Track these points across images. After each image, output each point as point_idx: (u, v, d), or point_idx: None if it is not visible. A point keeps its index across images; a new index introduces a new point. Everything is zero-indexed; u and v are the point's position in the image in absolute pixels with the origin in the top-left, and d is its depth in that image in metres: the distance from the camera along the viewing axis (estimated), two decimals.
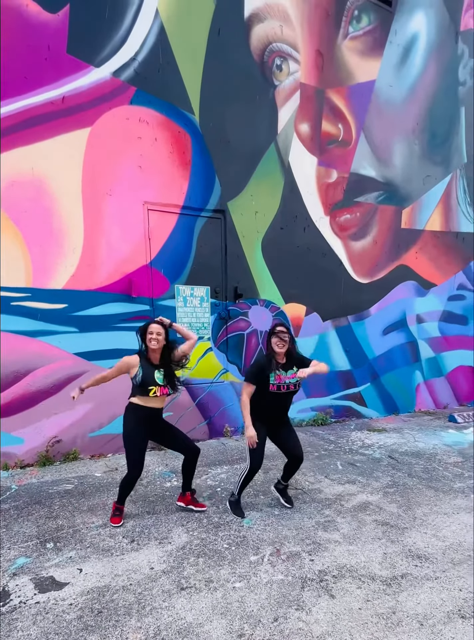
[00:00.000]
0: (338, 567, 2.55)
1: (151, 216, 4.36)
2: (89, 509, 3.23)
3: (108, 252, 4.19)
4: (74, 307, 4.09)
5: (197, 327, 4.84)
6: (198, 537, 2.83)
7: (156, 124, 4.22)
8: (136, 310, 4.38)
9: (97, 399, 4.27)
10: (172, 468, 4.09)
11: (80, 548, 2.69)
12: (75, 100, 3.85)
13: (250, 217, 5.00)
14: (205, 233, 4.75)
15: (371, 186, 5.87)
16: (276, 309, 5.38)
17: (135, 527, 2.97)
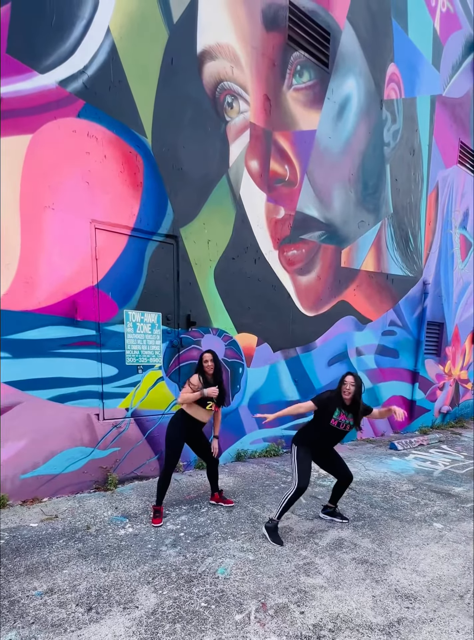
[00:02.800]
0: (332, 617, 2.19)
1: (98, 235, 3.88)
2: (28, 570, 2.52)
3: (49, 270, 3.61)
4: (6, 329, 3.39)
5: (147, 354, 4.32)
6: (169, 596, 2.32)
7: (106, 141, 3.86)
8: (80, 335, 3.79)
9: (33, 435, 3.55)
10: (124, 511, 3.45)
11: (23, 625, 2.02)
12: (15, 103, 3.36)
13: (203, 245, 4.73)
14: (157, 258, 4.35)
15: (314, 225, 5.96)
16: (228, 338, 5.08)
17: (90, 589, 2.34)
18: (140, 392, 4.30)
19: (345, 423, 3.13)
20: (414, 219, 7.66)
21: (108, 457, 4.04)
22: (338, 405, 3.11)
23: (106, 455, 4.03)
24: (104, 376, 4.01)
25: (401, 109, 7.09)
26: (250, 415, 5.25)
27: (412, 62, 7.14)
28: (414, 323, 7.87)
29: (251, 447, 5.37)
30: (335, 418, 3.09)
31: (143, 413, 4.33)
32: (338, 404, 3.11)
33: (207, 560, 2.74)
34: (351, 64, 6.15)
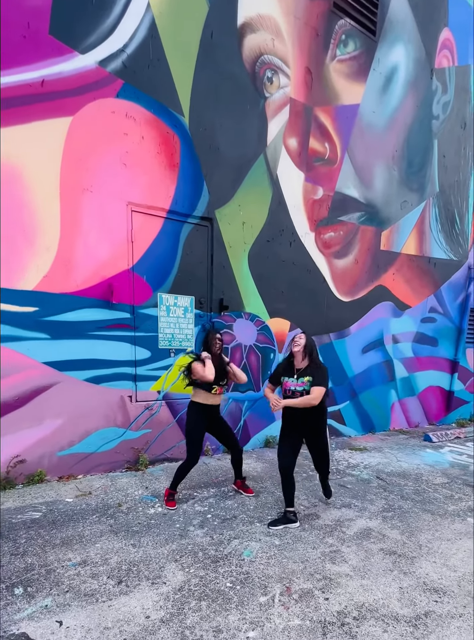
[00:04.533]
0: (357, 606, 2.20)
1: (135, 218, 3.93)
2: (63, 542, 2.67)
3: (86, 253, 3.71)
4: (45, 311, 3.54)
5: (179, 338, 4.40)
6: (196, 574, 2.39)
7: (143, 122, 3.85)
8: (115, 317, 3.89)
9: (69, 414, 3.73)
10: (154, 491, 3.58)
11: (57, 593, 2.15)
12: (57, 85, 3.41)
13: (238, 227, 4.69)
14: (191, 240, 4.37)
15: (353, 206, 5.75)
16: (261, 323, 5.07)
17: (121, 564, 2.46)
18: (172, 376, 4.40)
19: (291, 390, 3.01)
20: (462, 198, 7.21)
21: (140, 439, 4.17)
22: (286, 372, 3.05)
23: (138, 437, 4.16)
24: (137, 359, 4.12)
25: (454, 79, 6.59)
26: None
27: (468, 26, 6.59)
28: (457, 310, 7.49)
29: None
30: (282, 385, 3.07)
31: (174, 396, 4.44)
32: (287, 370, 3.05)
33: (233, 542, 2.80)
34: (401, 30, 5.74)
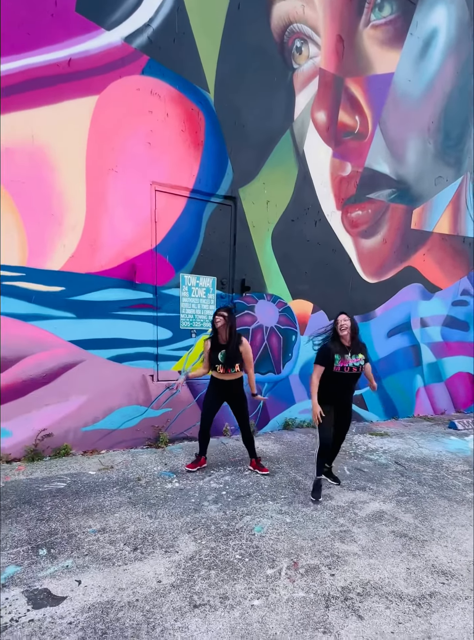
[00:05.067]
0: (362, 583, 2.30)
1: (158, 198, 3.99)
2: (85, 510, 2.89)
3: (111, 233, 3.82)
4: (71, 290, 3.70)
5: (201, 319, 4.50)
6: (207, 546, 2.54)
7: (168, 99, 3.85)
8: (138, 297, 4.02)
9: (93, 391, 3.93)
10: (172, 467, 3.78)
11: (78, 556, 2.36)
12: (83, 64, 3.45)
13: (262, 207, 4.67)
14: (214, 220, 4.40)
15: (384, 182, 5.58)
16: (283, 304, 5.09)
17: (137, 532, 2.64)
18: (193, 356, 4.53)
19: (349, 366, 3.18)
20: None
21: (160, 417, 4.33)
22: (337, 351, 3.17)
23: (159, 415, 4.32)
24: (159, 339, 4.26)
25: None
26: (300, 385, 5.37)
27: None
28: None
29: (300, 417, 5.47)
30: (337, 364, 3.15)
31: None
32: (337, 349, 3.17)
33: (245, 518, 2.93)
34: None
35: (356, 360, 3.23)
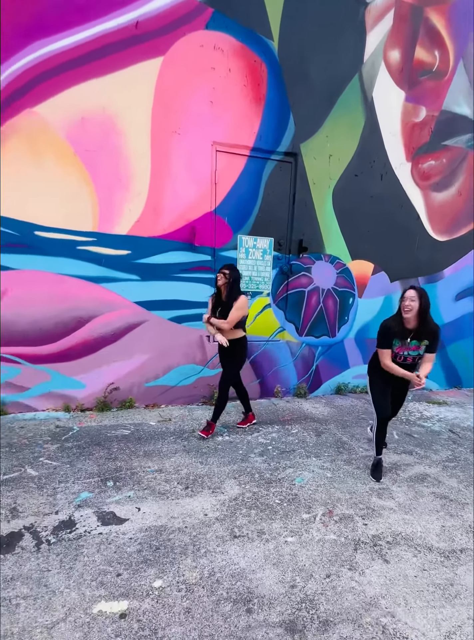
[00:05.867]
0: (393, 534, 2.72)
1: (219, 158, 4.31)
2: (145, 454, 3.59)
3: (173, 197, 4.24)
4: (137, 254, 4.24)
5: (257, 281, 4.92)
6: (250, 490, 3.11)
7: (231, 53, 4.05)
8: (197, 260, 4.49)
9: (155, 350, 4.54)
10: (224, 423, 4.40)
11: (138, 489, 3.04)
12: (150, 25, 3.72)
13: (323, 162, 4.84)
14: (274, 179, 4.66)
15: (463, 127, 5.46)
16: (341, 265, 5.32)
17: (189, 475, 3.28)
18: (248, 319, 4.98)
19: (403, 355, 3.03)
20: None
21: (215, 376, 4.72)
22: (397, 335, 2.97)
23: (214, 374, 4.82)
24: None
25: None
26: (356, 349, 5.70)
27: None
28: None
29: (353, 382, 5.85)
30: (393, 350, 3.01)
31: (249, 338, 4.99)
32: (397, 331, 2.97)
33: (287, 470, 3.44)
34: None
35: (415, 349, 3.04)
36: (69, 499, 2.87)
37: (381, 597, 2.13)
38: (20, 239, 3.94)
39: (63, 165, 3.92)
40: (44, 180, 3.89)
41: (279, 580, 2.20)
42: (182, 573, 2.22)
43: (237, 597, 2.06)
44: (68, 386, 4.37)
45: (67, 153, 3.90)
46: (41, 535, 2.49)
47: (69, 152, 3.91)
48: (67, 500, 2.85)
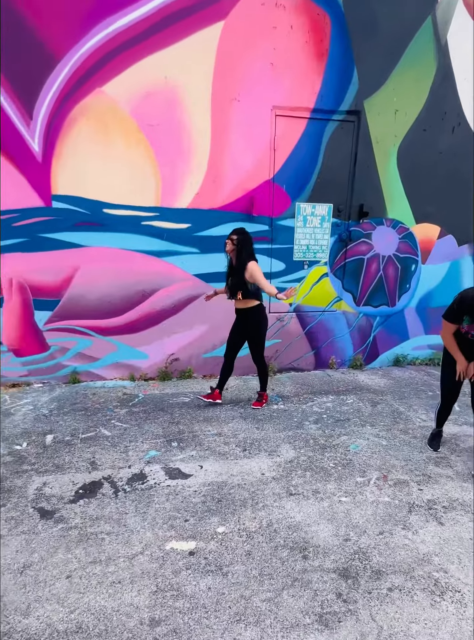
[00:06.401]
0: (449, 500, 2.97)
1: (278, 123, 4.48)
2: (205, 419, 4.08)
3: (232, 167, 4.51)
4: (196, 227, 4.60)
5: (314, 250, 5.12)
6: (304, 454, 3.48)
7: (293, 8, 4.12)
8: (255, 230, 4.69)
9: (212, 322, 4.97)
10: (279, 393, 4.80)
11: (200, 450, 3.52)
12: None
13: (389, 118, 4.83)
14: (334, 140, 4.75)
15: None
16: (404, 230, 5.34)
17: (246, 439, 3.72)
18: (304, 288, 5.25)
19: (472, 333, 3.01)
20: None
21: (270, 347, 5.07)
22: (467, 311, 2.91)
23: (269, 346, 4.90)
24: (273, 271, 5.04)
25: None
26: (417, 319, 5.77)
27: None
28: None
29: (413, 353, 5.96)
30: (463, 326, 3.00)
31: (304, 309, 5.33)
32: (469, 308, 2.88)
33: (342, 437, 3.76)
34: None
35: None
36: (139, 455, 3.42)
37: (434, 555, 2.42)
38: (91, 217, 4.45)
39: (128, 142, 4.30)
40: (112, 158, 4.31)
41: (333, 534, 2.58)
42: (243, 522, 2.65)
43: (293, 545, 2.48)
44: (133, 357, 4.98)
45: (132, 129, 4.28)
46: (118, 484, 3.04)
47: (134, 127, 4.28)
48: (138, 457, 3.39)
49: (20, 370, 4.82)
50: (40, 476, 3.20)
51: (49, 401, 4.53)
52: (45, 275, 4.54)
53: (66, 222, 4.43)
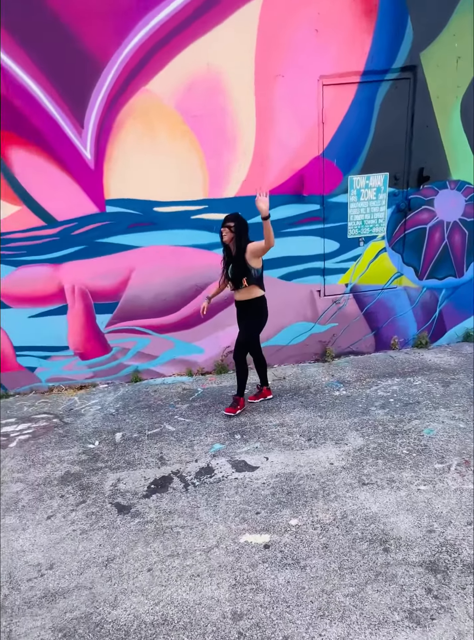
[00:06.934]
0: None
1: (326, 93, 4.44)
2: (265, 410, 4.28)
3: (279, 148, 4.55)
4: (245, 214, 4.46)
5: (370, 224, 5.07)
6: (374, 441, 3.51)
7: None
8: (305, 211, 4.81)
9: None
10: (339, 378, 4.87)
11: (264, 441, 3.67)
12: None
13: (450, 68, 4.64)
14: (388, 102, 4.64)
15: None
16: (471, 191, 5.14)
17: (310, 428, 3.82)
18: (361, 266, 5.25)
19: None
20: None
21: (327, 332, 5.29)
22: None
23: (325, 330, 5.29)
24: (326, 252, 5.08)
25: None
26: None
27: None
28: None
29: None
30: None
31: (362, 288, 5.32)
32: None
33: (413, 422, 3.73)
34: None
35: None
36: (205, 449, 3.64)
37: None
38: (142, 218, 4.77)
39: (174, 137, 4.52)
40: (159, 155, 4.56)
41: (415, 525, 2.61)
42: (316, 514, 2.76)
43: (372, 537, 2.55)
44: (189, 352, 5.32)
45: (177, 123, 4.48)
46: (187, 479, 3.27)
47: (179, 121, 4.47)
48: (203, 451, 3.62)
49: (87, 373, 5.37)
50: (114, 472, 3.51)
51: (115, 400, 4.96)
52: (104, 279, 4.97)
53: (120, 226, 4.78)
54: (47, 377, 5.45)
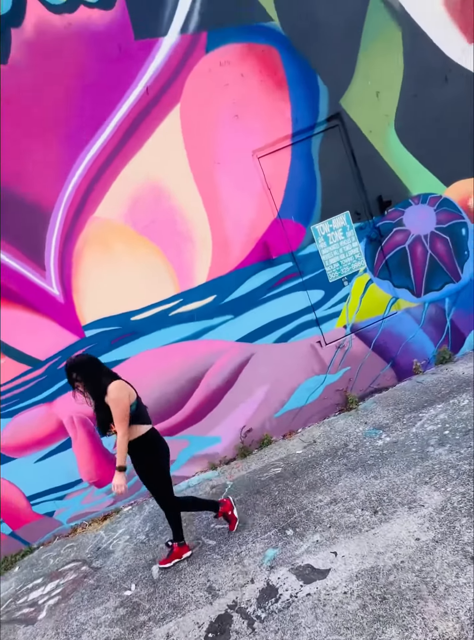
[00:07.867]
0: None
1: (263, 163, 5.13)
2: (308, 487, 3.99)
3: (235, 224, 5.18)
4: (221, 295, 5.30)
5: (347, 262, 5.53)
6: (455, 492, 3.06)
7: (238, 58, 4.91)
8: (279, 272, 5.36)
9: (272, 378, 5.52)
10: (374, 424, 4.70)
11: (322, 530, 3.26)
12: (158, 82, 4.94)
13: (372, 103, 5.28)
14: (325, 151, 5.29)
15: None
16: (436, 199, 5.63)
17: (369, 496, 3.43)
18: (353, 304, 5.66)
19: None
20: None
21: (341, 379, 5.56)
22: None
23: (339, 378, 5.58)
24: (313, 302, 5.52)
25: None
26: None
27: None
28: None
29: None
30: None
31: (362, 325, 5.70)
32: None
33: None
34: None
35: None
36: (257, 561, 3.28)
37: None
38: (123, 330, 5.33)
39: (133, 249, 5.19)
40: (123, 269, 5.22)
41: None
42: (433, 626, 2.18)
43: None
44: (206, 444, 5.61)
45: (131, 236, 5.19)
46: (248, 611, 2.83)
47: (133, 234, 5.18)
48: (256, 564, 3.25)
49: (107, 500, 5.63)
50: (159, 626, 3.13)
51: (142, 523, 4.92)
52: None
53: (102, 344, 5.30)
54: (67, 518, 5.72)
